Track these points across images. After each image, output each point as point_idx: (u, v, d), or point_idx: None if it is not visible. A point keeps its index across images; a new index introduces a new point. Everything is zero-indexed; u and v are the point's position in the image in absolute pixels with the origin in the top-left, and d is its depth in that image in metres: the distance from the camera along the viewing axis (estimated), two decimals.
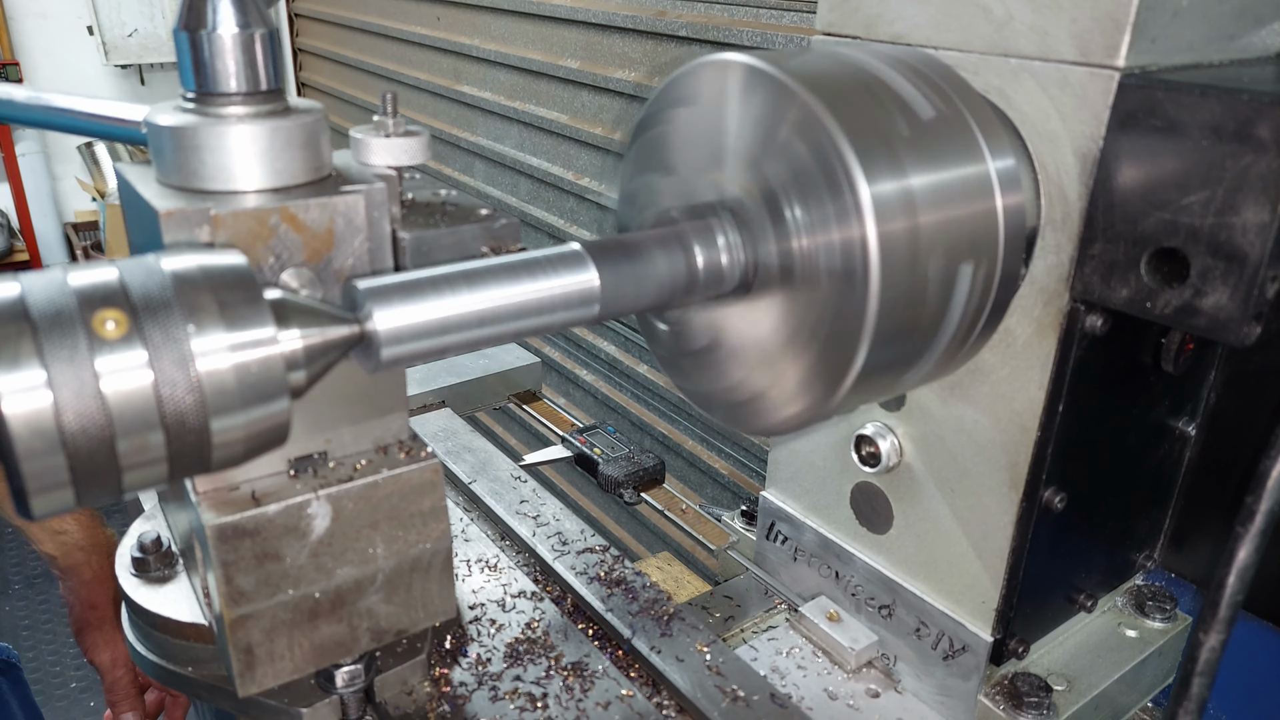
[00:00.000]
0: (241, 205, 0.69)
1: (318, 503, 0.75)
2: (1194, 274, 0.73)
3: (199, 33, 0.69)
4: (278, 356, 0.58)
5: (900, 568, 1.04)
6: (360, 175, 0.76)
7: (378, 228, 0.75)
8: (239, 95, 0.71)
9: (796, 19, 1.94)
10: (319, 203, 0.71)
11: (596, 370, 2.85)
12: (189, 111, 0.71)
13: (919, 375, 0.84)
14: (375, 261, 0.75)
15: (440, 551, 0.82)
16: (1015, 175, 0.79)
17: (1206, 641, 0.83)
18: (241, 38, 0.69)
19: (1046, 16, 0.80)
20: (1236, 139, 0.70)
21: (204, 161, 0.70)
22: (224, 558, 0.72)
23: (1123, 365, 0.91)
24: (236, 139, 0.69)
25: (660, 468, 1.29)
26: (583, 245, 0.72)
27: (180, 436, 0.56)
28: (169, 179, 0.71)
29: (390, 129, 0.76)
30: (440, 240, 0.76)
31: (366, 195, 0.73)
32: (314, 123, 0.73)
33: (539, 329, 0.69)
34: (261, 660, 0.76)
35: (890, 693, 0.95)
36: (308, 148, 0.73)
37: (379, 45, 3.87)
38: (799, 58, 0.76)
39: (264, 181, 0.71)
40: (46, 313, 0.53)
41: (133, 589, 0.93)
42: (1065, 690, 0.99)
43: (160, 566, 0.96)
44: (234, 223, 0.68)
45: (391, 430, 0.82)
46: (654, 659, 0.96)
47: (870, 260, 0.69)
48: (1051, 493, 0.90)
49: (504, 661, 0.96)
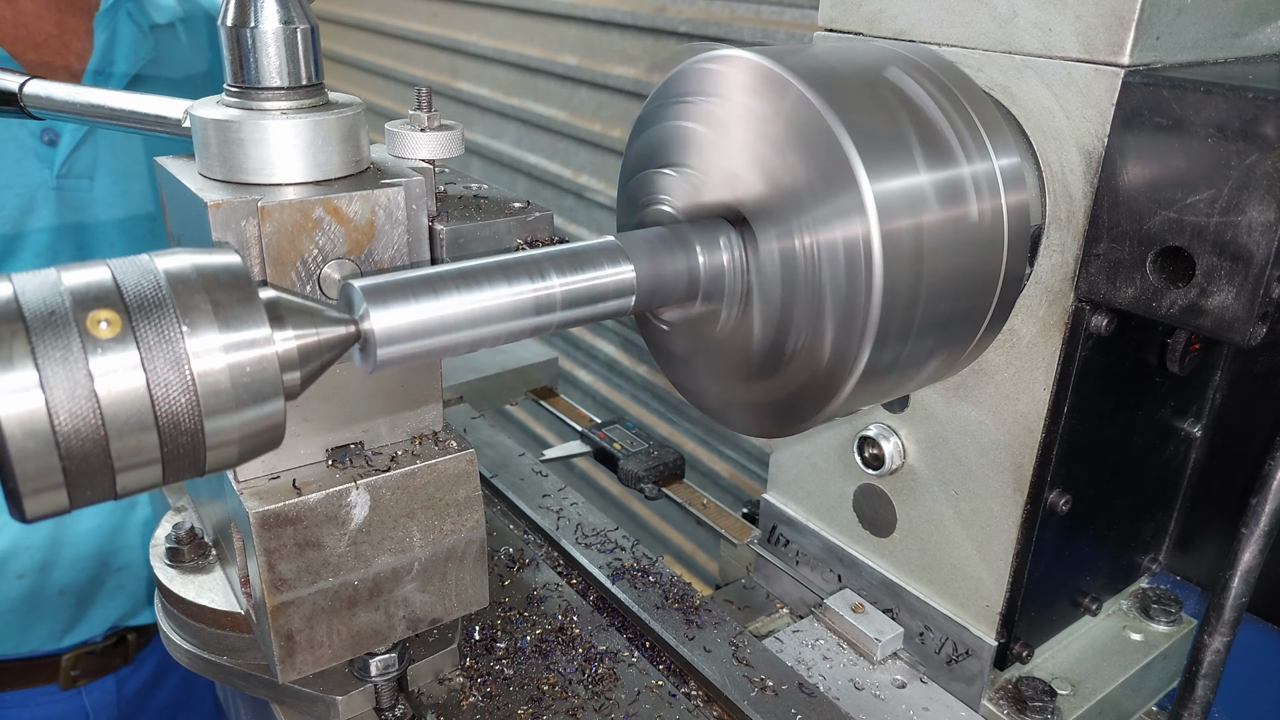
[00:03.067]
0: (287, 197, 0.70)
1: (357, 492, 0.77)
2: (1199, 273, 0.73)
3: (243, 29, 0.70)
4: (272, 357, 0.57)
5: (903, 571, 1.03)
6: (397, 169, 0.78)
7: (416, 220, 0.76)
8: (282, 89, 0.72)
9: (798, 15, 1.94)
10: (362, 195, 0.72)
11: (595, 371, 2.85)
12: (232, 105, 0.72)
13: (922, 376, 0.83)
14: (413, 254, 0.77)
15: (474, 541, 0.84)
16: (1019, 173, 0.78)
17: (1211, 644, 0.82)
18: (284, 33, 0.71)
19: (1050, 13, 0.79)
20: (1242, 137, 0.69)
21: (248, 154, 0.71)
22: (266, 545, 0.74)
23: (1128, 366, 0.90)
24: (280, 132, 0.71)
25: (680, 462, 1.30)
26: (557, 250, 0.71)
27: (174, 438, 0.55)
28: (212, 172, 0.72)
29: (425, 123, 0.77)
30: (476, 233, 0.78)
31: (406, 188, 0.75)
32: (354, 116, 0.74)
33: (534, 330, 0.68)
34: (302, 647, 0.78)
35: (915, 683, 0.96)
36: (348, 141, 0.74)
37: (375, 42, 3.87)
38: (801, 53, 0.76)
39: (306, 174, 0.73)
40: (40, 313, 0.52)
41: (169, 579, 0.95)
42: (1070, 694, 0.98)
43: (194, 557, 0.97)
44: (280, 214, 0.70)
45: (426, 421, 0.84)
46: (682, 650, 0.97)
47: (873, 259, 0.68)
48: (1056, 495, 0.89)
49: (533, 652, 0.97)
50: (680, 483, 1.28)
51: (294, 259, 0.72)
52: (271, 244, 0.70)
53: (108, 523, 1.72)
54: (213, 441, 0.56)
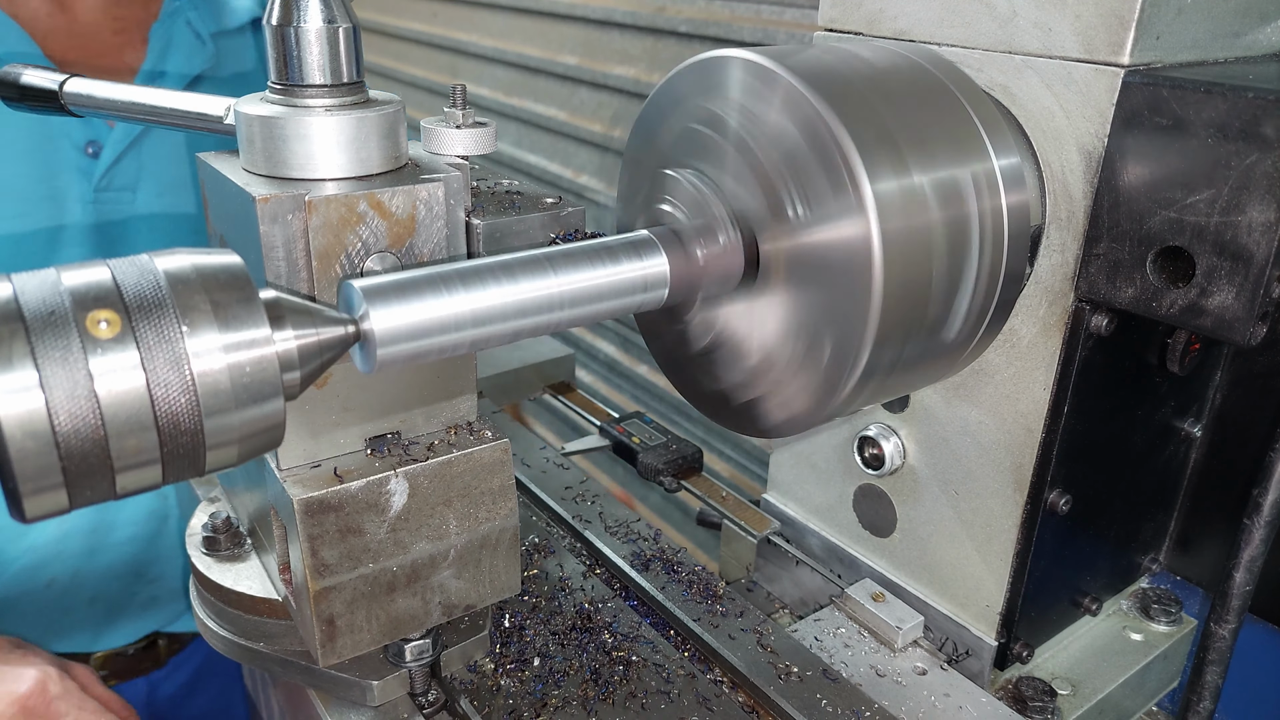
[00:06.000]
0: (332, 192, 0.72)
1: (396, 480, 0.78)
2: (1199, 273, 0.73)
3: (288, 27, 0.72)
4: (272, 357, 0.57)
5: (903, 571, 1.03)
6: (434, 165, 0.79)
7: (454, 215, 0.78)
8: (325, 87, 0.74)
9: (798, 15, 1.94)
10: (404, 190, 0.74)
11: (595, 371, 2.85)
12: (275, 102, 0.74)
13: (922, 376, 0.83)
14: (452, 247, 0.79)
15: (508, 529, 0.85)
16: (1019, 173, 0.78)
17: (1218, 631, 0.83)
18: (327, 32, 0.72)
19: (1050, 13, 0.79)
20: (1242, 137, 0.69)
21: (293, 150, 0.72)
22: (310, 531, 0.75)
23: (1128, 366, 0.90)
24: (324, 129, 0.72)
25: (699, 455, 1.30)
26: (564, 251, 0.71)
27: (174, 438, 0.55)
28: (256, 167, 0.74)
29: (460, 120, 0.79)
30: (512, 227, 0.80)
31: (446, 183, 0.76)
32: (394, 113, 0.76)
33: (532, 330, 0.68)
34: (342, 631, 0.79)
35: (936, 670, 0.96)
36: (389, 137, 0.76)
37: (375, 41, 3.86)
38: (801, 54, 0.76)
39: (349, 169, 0.74)
40: (39, 313, 0.52)
41: (206, 567, 0.97)
42: (1070, 694, 0.98)
43: (230, 545, 0.99)
44: (326, 208, 0.71)
45: (460, 412, 0.85)
46: (707, 637, 0.98)
47: (873, 258, 0.68)
48: (1056, 495, 0.89)
49: (562, 640, 0.98)
50: (699, 475, 1.28)
51: (339, 252, 0.73)
52: (317, 237, 0.72)
53: (144, 533, 1.71)
54: (212, 441, 0.56)
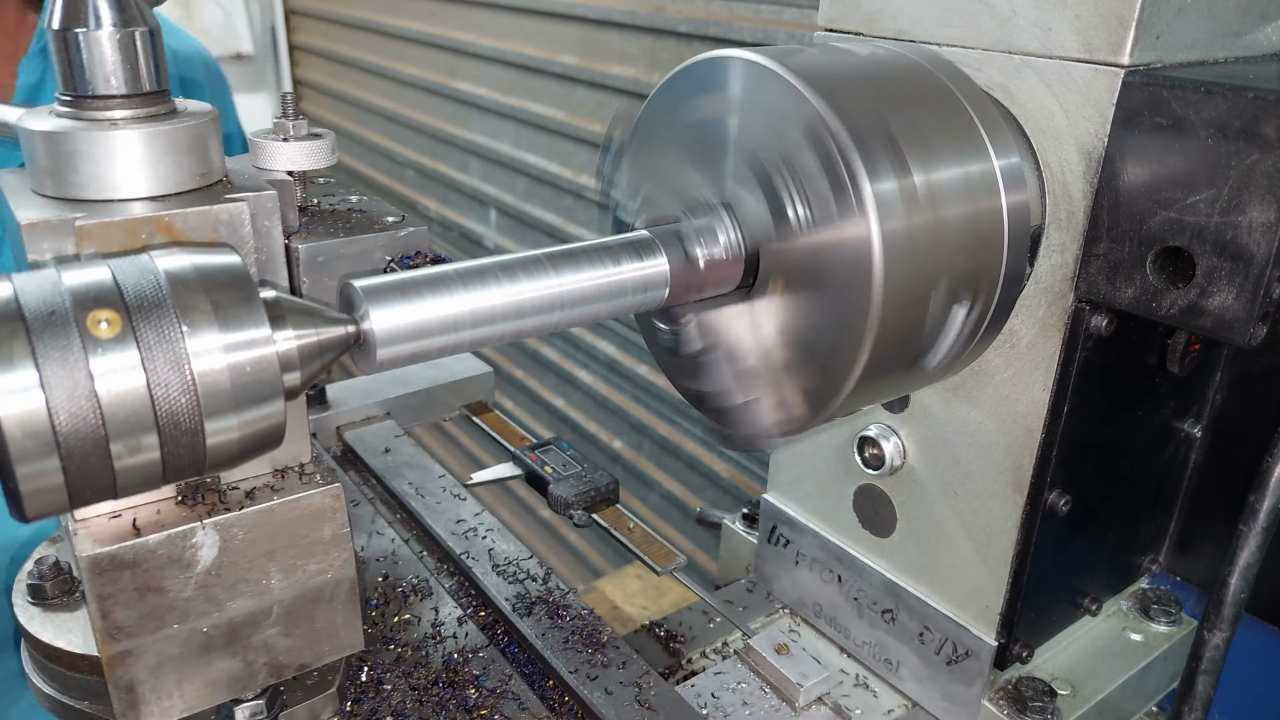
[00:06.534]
0: (111, 216, 0.65)
1: (204, 532, 0.70)
2: (1199, 274, 0.73)
3: (73, 31, 0.65)
4: (272, 357, 0.57)
5: (903, 571, 1.03)
6: (252, 182, 0.72)
7: (268, 238, 0.71)
8: (118, 98, 0.67)
9: (798, 14, 1.94)
10: (198, 212, 0.67)
11: (595, 371, 2.85)
12: (64, 115, 0.67)
13: (922, 376, 0.83)
14: (264, 273, 0.72)
15: (343, 581, 0.77)
16: (1019, 173, 0.78)
17: (1211, 639, 0.83)
18: (120, 37, 0.66)
19: (1050, 12, 0.79)
20: (1242, 137, 0.69)
21: (77, 169, 0.65)
22: (100, 591, 0.68)
23: (1128, 366, 0.90)
24: (111, 144, 0.66)
25: (614, 487, 1.22)
26: (564, 251, 0.71)
27: (174, 438, 0.55)
28: (42, 188, 0.67)
29: (290, 132, 0.73)
30: (338, 250, 0.74)
31: (252, 203, 0.69)
32: (200, 126, 0.69)
33: (532, 331, 0.68)
34: (147, 699, 0.72)
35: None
36: (192, 153, 0.68)
37: (374, 41, 3.87)
38: (801, 53, 0.76)
39: (143, 189, 0.67)
40: (40, 313, 0.52)
41: (28, 619, 0.88)
42: (1070, 695, 0.98)
43: (59, 594, 0.89)
44: (103, 234, 0.64)
45: (291, 453, 0.77)
46: (583, 691, 0.92)
47: (873, 259, 0.68)
48: (1056, 495, 0.89)
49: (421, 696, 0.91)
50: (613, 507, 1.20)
51: None
52: None
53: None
54: (213, 442, 0.56)
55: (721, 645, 1.12)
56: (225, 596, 0.72)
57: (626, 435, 2.96)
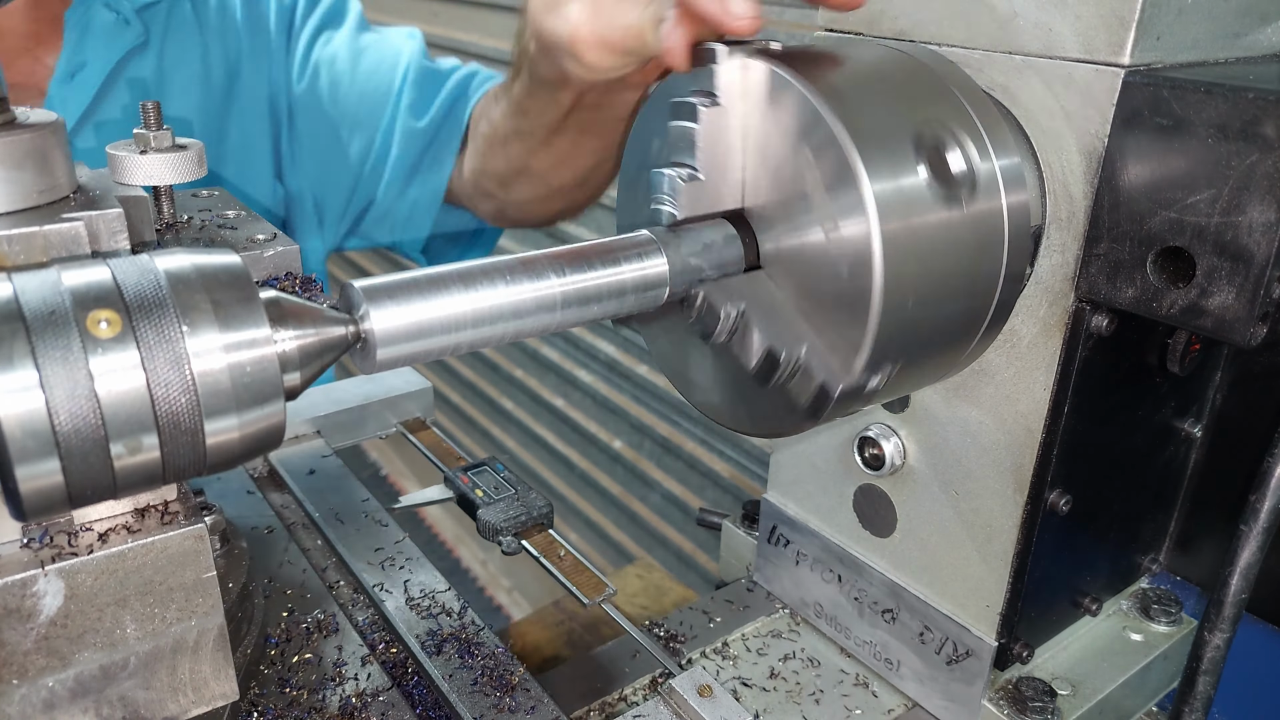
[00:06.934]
0: None
1: (46, 580, 0.64)
2: (1200, 274, 0.73)
3: None
4: (273, 357, 0.57)
5: (904, 571, 1.03)
6: (103, 198, 0.67)
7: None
8: None
9: (798, 15, 1.94)
10: (23, 234, 0.61)
11: (595, 371, 2.85)
12: None
13: (922, 376, 0.83)
14: None
15: (209, 629, 0.72)
16: (1019, 173, 0.78)
17: (1211, 640, 0.83)
18: None
19: (1051, 13, 0.80)
20: (1242, 137, 0.69)
21: None
22: None
23: (1128, 366, 0.90)
24: None
25: (548, 511, 1.16)
26: (564, 251, 0.71)
27: (174, 438, 0.55)
28: None
29: (150, 143, 0.68)
30: None
31: (89, 223, 0.64)
32: (40, 138, 0.64)
33: (532, 331, 0.68)
34: None
35: None
36: (26, 168, 0.63)
37: None
38: (801, 54, 0.76)
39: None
40: (40, 312, 0.52)
41: None
42: (1070, 695, 0.98)
43: None
44: None
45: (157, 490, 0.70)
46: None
47: (873, 258, 0.68)
48: (1056, 495, 0.89)
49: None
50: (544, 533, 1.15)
51: None
52: None
53: None
54: (213, 441, 0.56)
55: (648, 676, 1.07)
56: (71, 649, 0.66)
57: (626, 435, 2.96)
